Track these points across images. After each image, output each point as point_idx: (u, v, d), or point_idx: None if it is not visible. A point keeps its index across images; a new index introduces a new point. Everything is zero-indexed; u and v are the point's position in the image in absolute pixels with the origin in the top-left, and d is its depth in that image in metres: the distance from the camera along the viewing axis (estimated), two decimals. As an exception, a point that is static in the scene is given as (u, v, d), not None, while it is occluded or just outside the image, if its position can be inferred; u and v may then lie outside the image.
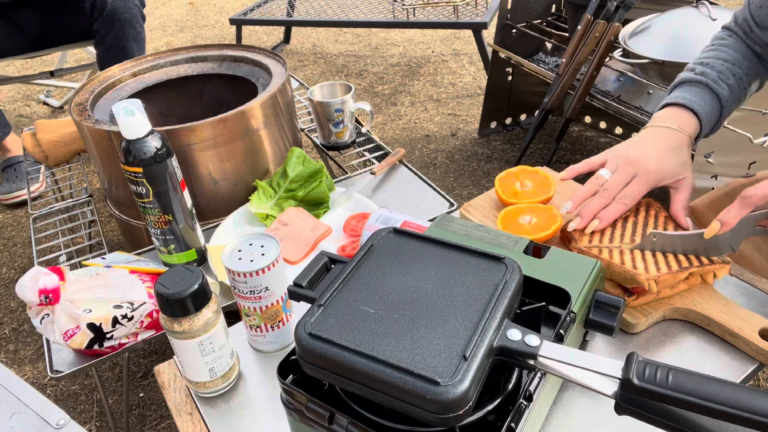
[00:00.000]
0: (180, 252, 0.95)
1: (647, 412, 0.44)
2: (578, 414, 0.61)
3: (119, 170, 0.95)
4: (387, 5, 2.62)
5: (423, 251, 0.56)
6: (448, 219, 0.72)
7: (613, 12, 1.45)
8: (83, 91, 1.20)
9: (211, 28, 3.42)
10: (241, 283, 0.65)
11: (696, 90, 0.80)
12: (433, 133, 2.16)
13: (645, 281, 0.66)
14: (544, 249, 0.66)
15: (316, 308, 0.50)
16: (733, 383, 0.41)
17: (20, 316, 1.53)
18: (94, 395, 1.31)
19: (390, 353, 0.45)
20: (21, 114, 2.55)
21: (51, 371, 0.82)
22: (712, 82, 0.79)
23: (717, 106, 0.80)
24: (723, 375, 0.63)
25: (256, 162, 1.12)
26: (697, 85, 0.80)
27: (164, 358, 1.14)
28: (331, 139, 1.32)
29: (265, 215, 1.05)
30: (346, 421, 0.50)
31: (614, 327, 0.59)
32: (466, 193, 1.83)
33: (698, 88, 0.80)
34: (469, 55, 2.75)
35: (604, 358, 0.46)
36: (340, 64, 2.79)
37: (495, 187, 0.89)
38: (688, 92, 0.80)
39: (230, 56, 1.31)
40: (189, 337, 0.61)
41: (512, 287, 0.51)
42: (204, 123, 1.02)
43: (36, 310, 0.79)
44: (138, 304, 0.81)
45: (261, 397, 0.67)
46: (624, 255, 0.71)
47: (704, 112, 0.78)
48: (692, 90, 0.80)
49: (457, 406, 0.43)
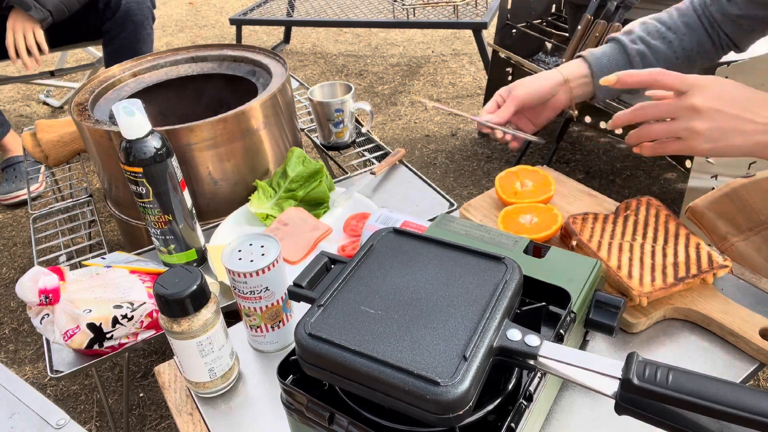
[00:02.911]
0: (180, 252, 0.95)
1: (647, 412, 0.44)
2: (578, 414, 0.61)
3: (119, 170, 0.95)
4: (387, 5, 2.62)
5: (423, 251, 0.56)
6: (448, 219, 0.72)
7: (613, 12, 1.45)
8: (83, 91, 1.20)
9: (211, 28, 3.42)
10: (241, 284, 0.65)
11: (607, 45, 0.88)
12: (433, 133, 2.16)
13: (637, 297, 0.66)
14: (544, 249, 0.66)
15: (316, 308, 0.50)
16: (733, 383, 0.41)
17: (20, 316, 1.53)
18: (94, 395, 1.31)
19: (390, 353, 0.45)
20: (21, 114, 2.55)
21: (51, 371, 0.82)
22: (629, 40, 0.86)
23: (624, 60, 0.85)
24: (723, 375, 0.63)
25: (256, 162, 1.12)
26: (613, 40, 0.87)
27: (164, 358, 1.14)
28: (331, 139, 1.32)
29: (265, 215, 1.05)
30: (346, 421, 0.50)
31: (614, 327, 0.59)
32: (466, 193, 1.83)
33: (611, 43, 0.87)
34: (469, 55, 2.75)
35: (604, 358, 0.46)
36: (340, 64, 2.79)
37: (495, 187, 0.89)
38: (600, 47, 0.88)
39: (230, 56, 1.31)
40: (188, 338, 0.61)
41: (512, 287, 0.51)
42: (204, 123, 1.02)
43: (36, 310, 0.79)
44: (138, 304, 0.81)
45: (261, 397, 0.67)
46: (622, 254, 0.71)
47: (597, 61, 0.86)
48: (604, 45, 0.88)
49: (457, 407, 0.43)
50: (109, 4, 1.75)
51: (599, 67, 0.85)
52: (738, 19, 0.83)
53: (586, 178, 1.79)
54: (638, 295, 0.66)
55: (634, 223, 0.76)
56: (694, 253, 0.71)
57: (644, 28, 0.87)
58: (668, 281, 0.68)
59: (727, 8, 0.83)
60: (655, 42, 0.85)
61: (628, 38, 0.86)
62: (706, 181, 1.28)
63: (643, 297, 0.66)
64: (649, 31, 0.86)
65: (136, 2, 1.77)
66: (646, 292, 0.66)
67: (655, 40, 0.85)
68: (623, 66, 0.85)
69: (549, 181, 0.89)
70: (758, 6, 0.81)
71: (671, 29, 0.86)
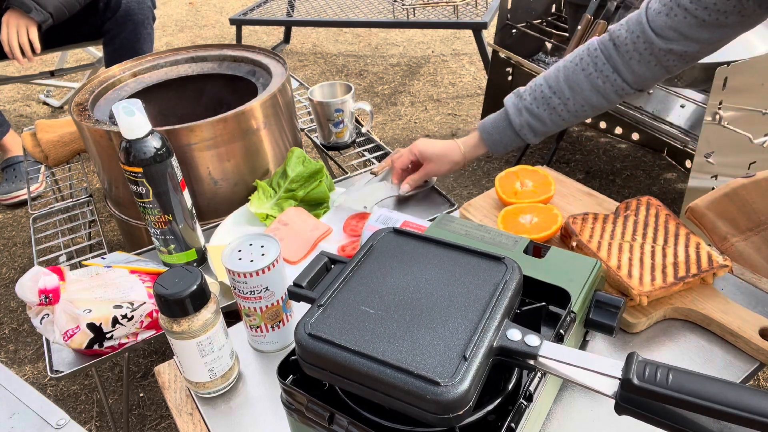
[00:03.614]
0: (180, 252, 0.95)
1: (647, 412, 0.44)
2: (578, 414, 0.61)
3: (119, 170, 0.95)
4: (387, 5, 2.62)
5: (423, 251, 0.56)
6: (448, 219, 0.72)
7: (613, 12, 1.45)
8: (83, 91, 1.20)
9: (211, 28, 3.42)
10: (241, 284, 0.65)
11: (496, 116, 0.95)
12: (433, 133, 2.16)
13: (637, 296, 0.66)
14: (544, 249, 0.66)
15: (316, 308, 0.50)
16: (733, 383, 0.41)
17: (20, 316, 1.53)
18: (94, 395, 1.31)
19: (390, 354, 0.45)
20: (21, 114, 2.55)
21: (51, 371, 0.82)
22: (513, 112, 0.92)
23: (511, 133, 0.94)
24: (723, 375, 0.63)
25: (256, 162, 1.12)
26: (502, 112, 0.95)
27: (164, 358, 1.14)
28: (331, 139, 1.32)
29: (265, 215, 1.05)
30: (346, 421, 0.50)
31: (614, 327, 0.59)
32: (466, 193, 1.83)
33: (499, 115, 0.95)
34: (469, 55, 2.75)
35: (604, 358, 0.46)
36: (340, 64, 2.78)
37: (495, 187, 0.89)
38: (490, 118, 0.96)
39: (230, 56, 1.31)
40: (188, 338, 0.61)
41: (512, 287, 0.51)
42: (204, 123, 1.02)
43: (36, 310, 0.79)
44: (138, 304, 0.81)
45: (261, 397, 0.67)
46: (622, 254, 0.71)
47: (490, 138, 0.95)
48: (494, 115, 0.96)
49: (457, 407, 0.43)
50: (109, 4, 1.75)
51: (492, 142, 0.95)
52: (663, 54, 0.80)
53: (586, 178, 1.79)
54: (638, 295, 0.66)
55: (634, 223, 0.76)
56: (694, 253, 0.71)
57: (533, 92, 0.91)
58: (668, 281, 0.68)
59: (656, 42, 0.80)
60: (539, 110, 0.90)
61: (515, 108, 0.92)
62: (706, 181, 1.28)
63: (643, 296, 0.66)
64: (535, 98, 0.90)
65: (136, 2, 1.77)
66: (646, 292, 0.66)
67: (539, 108, 0.90)
68: (512, 137, 0.94)
69: (549, 181, 0.89)
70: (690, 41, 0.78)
71: (556, 93, 0.88)
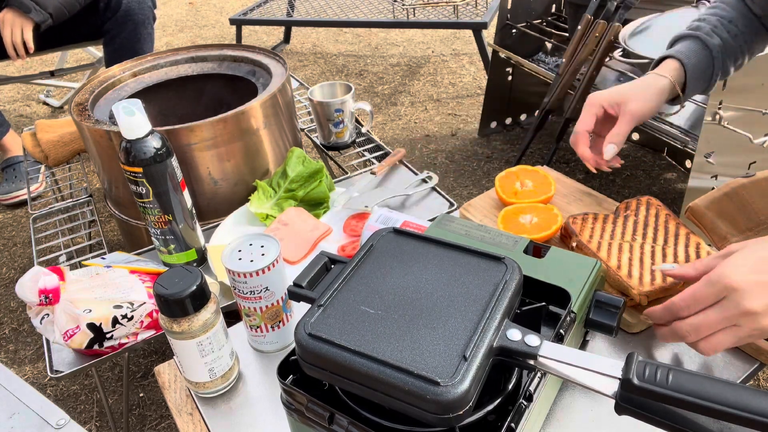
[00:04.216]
0: (180, 252, 0.95)
1: (647, 412, 0.44)
2: (578, 414, 0.61)
3: (119, 170, 0.95)
4: (387, 5, 2.62)
5: (423, 251, 0.56)
6: (448, 219, 0.72)
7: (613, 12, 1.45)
8: (83, 91, 1.20)
9: (211, 28, 3.42)
10: (241, 284, 0.65)
11: (686, 42, 0.81)
12: (433, 133, 2.16)
13: (637, 296, 0.66)
14: (544, 249, 0.66)
15: (316, 308, 0.50)
16: (733, 383, 0.41)
17: (20, 316, 1.53)
18: (94, 395, 1.31)
19: (390, 354, 0.45)
20: (21, 114, 2.54)
21: (51, 371, 0.82)
22: (704, 35, 0.80)
23: (708, 56, 0.80)
24: (723, 375, 0.63)
25: (256, 162, 1.12)
26: (688, 38, 0.82)
27: (164, 358, 1.14)
28: (331, 139, 1.32)
29: (265, 215, 1.05)
30: (346, 421, 0.50)
31: (614, 327, 0.59)
32: (466, 193, 1.83)
33: (688, 41, 0.81)
34: (469, 55, 2.75)
35: (604, 358, 0.46)
36: (340, 64, 2.78)
37: (495, 187, 0.89)
38: (678, 45, 0.82)
39: (230, 56, 1.31)
40: (188, 338, 0.61)
41: (512, 287, 0.51)
42: (204, 123, 1.02)
43: (36, 310, 0.79)
44: (138, 304, 0.81)
45: (261, 397, 0.67)
46: (622, 254, 0.71)
47: (689, 61, 0.79)
48: (682, 43, 0.82)
49: (457, 407, 0.43)
50: (109, 4, 1.75)
51: (691, 67, 0.79)
52: None
53: (586, 178, 1.79)
54: (638, 295, 0.66)
55: (633, 223, 0.76)
56: (694, 252, 0.71)
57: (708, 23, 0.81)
58: (668, 281, 0.68)
59: None
60: (724, 36, 0.80)
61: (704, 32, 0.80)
62: (706, 181, 1.28)
63: (643, 296, 0.66)
64: (714, 25, 0.80)
65: (136, 2, 1.77)
66: (646, 292, 0.66)
67: (723, 33, 0.80)
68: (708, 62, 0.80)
69: (549, 181, 0.89)
70: None
71: (732, 22, 0.80)
